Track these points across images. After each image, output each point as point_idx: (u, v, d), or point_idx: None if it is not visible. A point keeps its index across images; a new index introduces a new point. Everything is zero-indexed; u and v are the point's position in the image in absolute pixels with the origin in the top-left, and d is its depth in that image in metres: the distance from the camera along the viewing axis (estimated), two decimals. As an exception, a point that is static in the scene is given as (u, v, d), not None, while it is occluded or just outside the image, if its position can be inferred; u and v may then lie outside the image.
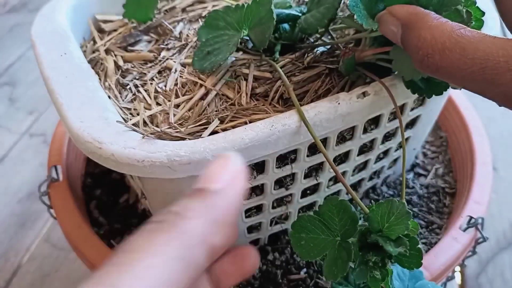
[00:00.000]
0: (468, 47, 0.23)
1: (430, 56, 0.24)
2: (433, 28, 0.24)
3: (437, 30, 0.24)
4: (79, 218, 0.43)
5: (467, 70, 0.23)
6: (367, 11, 0.31)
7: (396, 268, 0.32)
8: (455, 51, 0.23)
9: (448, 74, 0.24)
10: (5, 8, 1.07)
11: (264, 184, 0.36)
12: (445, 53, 0.23)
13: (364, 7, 0.30)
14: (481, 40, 0.23)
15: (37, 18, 0.40)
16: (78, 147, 0.31)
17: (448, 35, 0.24)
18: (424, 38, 0.24)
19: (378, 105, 0.34)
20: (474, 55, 0.22)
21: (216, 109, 0.34)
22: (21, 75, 0.89)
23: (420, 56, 0.25)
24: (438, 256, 0.39)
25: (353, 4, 0.30)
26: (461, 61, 0.23)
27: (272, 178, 0.35)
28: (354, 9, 0.30)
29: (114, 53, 0.40)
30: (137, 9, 0.42)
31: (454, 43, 0.23)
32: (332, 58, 0.37)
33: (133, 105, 0.35)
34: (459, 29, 0.24)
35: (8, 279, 0.57)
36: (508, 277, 0.56)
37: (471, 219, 0.42)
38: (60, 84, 0.33)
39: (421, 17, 0.25)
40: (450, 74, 0.24)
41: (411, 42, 0.25)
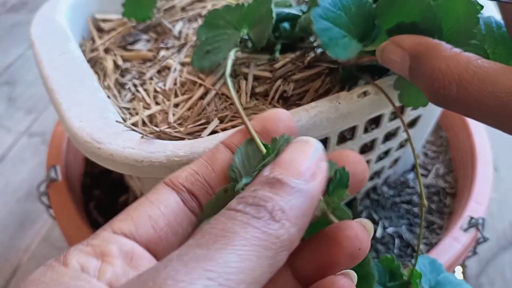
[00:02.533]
0: (487, 79, 0.21)
1: (447, 88, 0.22)
2: (448, 58, 0.23)
3: (453, 61, 0.23)
4: (78, 218, 0.43)
5: (487, 104, 0.21)
6: (356, 28, 0.30)
7: (418, 261, 0.32)
8: (474, 83, 0.21)
9: (466, 107, 0.22)
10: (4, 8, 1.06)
11: (264, 184, 0.36)
12: (462, 85, 0.22)
13: (347, 27, 0.29)
14: (501, 72, 0.21)
15: (36, 17, 0.39)
16: (77, 147, 0.31)
17: (465, 66, 0.22)
18: (439, 69, 0.23)
19: (378, 105, 0.34)
20: (494, 88, 0.21)
21: (216, 109, 0.34)
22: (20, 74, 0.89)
23: (435, 88, 0.23)
24: (438, 256, 0.39)
25: (323, 27, 0.29)
26: (481, 94, 0.21)
27: (272, 178, 0.35)
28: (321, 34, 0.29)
29: (113, 53, 0.40)
30: (137, 8, 0.42)
31: (472, 74, 0.22)
32: (333, 58, 0.37)
33: (132, 104, 0.35)
34: (476, 60, 0.22)
35: (8, 279, 0.57)
36: (508, 277, 0.55)
37: (471, 219, 0.42)
38: (59, 83, 0.33)
39: (433, 47, 0.24)
40: (468, 108, 0.22)
41: (424, 74, 0.24)
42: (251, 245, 0.17)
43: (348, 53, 0.29)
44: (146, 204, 0.22)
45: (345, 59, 0.29)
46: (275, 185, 0.19)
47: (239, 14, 0.35)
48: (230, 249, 0.17)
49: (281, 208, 0.18)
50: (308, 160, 0.20)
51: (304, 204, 0.19)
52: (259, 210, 0.18)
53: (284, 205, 0.19)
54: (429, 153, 0.54)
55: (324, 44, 0.29)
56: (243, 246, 0.17)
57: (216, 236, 0.17)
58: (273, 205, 0.18)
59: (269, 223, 0.18)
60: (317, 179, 0.20)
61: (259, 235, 0.18)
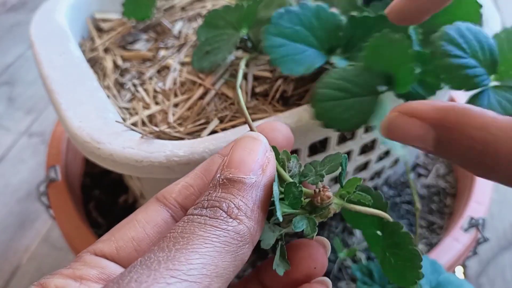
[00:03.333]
0: None
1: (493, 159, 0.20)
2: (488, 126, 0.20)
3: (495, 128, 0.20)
4: (78, 218, 0.43)
5: None
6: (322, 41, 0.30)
7: None
8: None
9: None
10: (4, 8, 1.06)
11: (264, 184, 0.35)
12: None
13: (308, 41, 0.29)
14: None
15: (36, 17, 0.39)
16: (77, 147, 0.31)
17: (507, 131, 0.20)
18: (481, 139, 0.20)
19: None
20: None
21: (216, 109, 0.34)
22: (20, 74, 0.89)
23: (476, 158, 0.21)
24: (439, 257, 0.39)
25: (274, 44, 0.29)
26: None
27: (272, 178, 0.35)
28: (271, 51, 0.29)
29: (113, 52, 0.40)
30: (136, 7, 0.42)
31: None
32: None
33: (132, 104, 0.35)
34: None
35: (7, 279, 0.57)
36: (508, 277, 0.55)
37: (472, 219, 0.42)
38: (59, 83, 0.33)
39: (463, 113, 0.21)
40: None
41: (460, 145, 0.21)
42: (211, 242, 0.18)
43: (305, 67, 0.30)
44: (131, 225, 0.22)
45: (300, 73, 0.29)
46: (227, 185, 0.20)
47: (239, 15, 0.35)
48: (191, 248, 0.18)
49: (236, 205, 0.19)
50: (257, 155, 0.21)
51: (257, 197, 0.20)
52: (215, 211, 0.19)
53: (238, 202, 0.19)
54: (429, 153, 0.54)
55: (273, 61, 0.29)
56: (203, 244, 0.18)
57: (176, 239, 0.18)
58: (228, 204, 0.19)
59: (226, 221, 0.19)
60: (267, 171, 0.21)
61: (218, 232, 0.18)
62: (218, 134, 0.30)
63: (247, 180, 0.20)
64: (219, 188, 0.20)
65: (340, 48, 0.31)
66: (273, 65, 0.30)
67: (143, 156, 0.28)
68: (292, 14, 0.29)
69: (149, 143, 0.29)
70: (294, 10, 0.29)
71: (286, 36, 0.30)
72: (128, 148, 0.29)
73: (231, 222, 0.19)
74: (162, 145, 0.29)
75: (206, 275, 0.17)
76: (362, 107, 0.27)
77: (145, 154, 0.28)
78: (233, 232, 0.19)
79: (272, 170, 0.21)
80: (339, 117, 0.27)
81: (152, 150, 0.28)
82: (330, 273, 0.42)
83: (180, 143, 0.29)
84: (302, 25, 0.30)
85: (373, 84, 0.27)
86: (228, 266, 0.18)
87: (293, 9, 0.29)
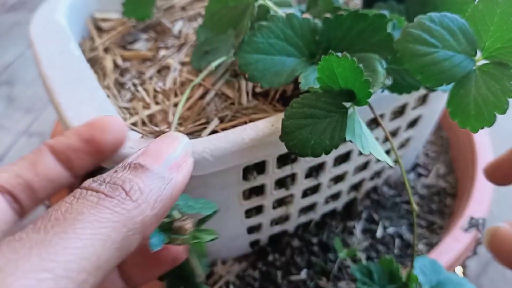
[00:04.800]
0: None
1: None
2: None
3: None
4: (78, 218, 0.43)
5: None
6: (300, 48, 0.29)
7: (418, 262, 0.32)
8: None
9: None
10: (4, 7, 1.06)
11: (264, 184, 0.35)
12: None
13: (287, 50, 0.30)
14: None
15: (36, 17, 0.39)
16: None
17: None
18: None
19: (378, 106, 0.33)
20: None
21: (216, 109, 0.34)
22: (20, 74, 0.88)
23: None
24: (439, 257, 0.39)
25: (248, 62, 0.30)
26: None
27: (272, 178, 0.35)
28: (247, 69, 0.29)
29: (113, 52, 0.40)
30: (136, 7, 0.41)
31: None
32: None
33: (132, 104, 0.35)
34: None
35: (7, 280, 0.57)
36: (509, 277, 0.55)
37: (472, 219, 0.42)
38: (58, 83, 0.33)
39: None
40: None
41: None
42: (98, 228, 0.16)
43: (284, 77, 0.29)
44: None
45: (282, 84, 0.29)
46: (137, 169, 0.19)
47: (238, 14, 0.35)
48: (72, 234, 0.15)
49: (140, 188, 0.18)
50: (174, 152, 0.21)
51: (165, 191, 0.19)
52: (115, 189, 0.17)
53: (143, 186, 0.18)
54: (430, 153, 0.54)
55: (251, 78, 0.30)
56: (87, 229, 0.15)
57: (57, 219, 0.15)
58: (131, 185, 0.18)
59: (123, 202, 0.17)
60: (182, 172, 0.20)
61: (108, 215, 0.16)
62: (219, 134, 0.30)
63: (158, 170, 0.19)
64: (127, 170, 0.19)
65: (320, 52, 0.31)
66: (253, 82, 0.30)
67: (143, 156, 0.28)
68: (264, 28, 0.29)
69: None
70: (264, 25, 0.29)
71: (262, 51, 0.30)
72: (129, 148, 0.28)
73: (128, 205, 0.17)
74: (162, 145, 0.29)
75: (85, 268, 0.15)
76: (333, 126, 0.26)
77: (145, 154, 0.28)
78: (126, 217, 0.17)
79: (187, 174, 0.21)
80: (311, 143, 0.26)
81: (152, 150, 0.28)
82: (330, 273, 0.42)
83: (180, 143, 0.29)
84: (276, 37, 0.30)
85: (338, 102, 0.27)
86: (110, 258, 0.16)
87: (263, 24, 0.29)
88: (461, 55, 0.26)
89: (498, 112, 0.25)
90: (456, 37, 0.26)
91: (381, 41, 0.29)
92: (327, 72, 0.26)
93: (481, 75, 0.26)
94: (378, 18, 0.29)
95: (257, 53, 0.30)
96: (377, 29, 0.29)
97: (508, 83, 0.25)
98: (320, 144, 0.26)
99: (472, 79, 0.26)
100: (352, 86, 0.26)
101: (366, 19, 0.29)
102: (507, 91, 0.25)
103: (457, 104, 0.27)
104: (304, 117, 0.27)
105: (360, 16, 0.29)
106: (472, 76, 0.27)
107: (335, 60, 0.25)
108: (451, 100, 0.27)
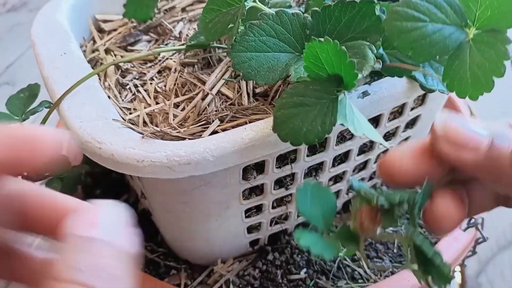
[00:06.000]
0: None
1: None
2: None
3: None
4: (79, 218, 0.43)
5: None
6: (292, 42, 0.30)
7: None
8: None
9: None
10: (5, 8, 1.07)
11: (264, 184, 0.36)
12: None
13: (279, 46, 0.30)
14: None
15: (37, 17, 0.39)
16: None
17: None
18: None
19: (378, 105, 0.34)
20: None
21: (216, 109, 0.34)
22: (21, 74, 0.89)
23: None
24: (438, 256, 0.39)
25: (242, 60, 0.30)
26: None
27: (272, 178, 0.35)
28: (240, 67, 0.29)
29: (114, 53, 0.40)
30: (138, 8, 0.42)
31: None
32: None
33: (132, 105, 0.35)
34: None
35: (8, 279, 0.57)
36: (508, 276, 0.56)
37: (471, 219, 0.42)
38: (60, 83, 0.33)
39: None
40: None
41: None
42: None
43: (279, 72, 0.30)
44: None
45: (276, 80, 0.30)
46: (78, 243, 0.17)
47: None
48: None
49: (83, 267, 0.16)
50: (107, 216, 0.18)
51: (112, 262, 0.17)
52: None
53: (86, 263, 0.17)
54: (429, 153, 0.54)
55: (246, 76, 0.30)
56: None
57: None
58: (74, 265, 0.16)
59: None
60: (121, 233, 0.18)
61: None
62: (219, 134, 0.30)
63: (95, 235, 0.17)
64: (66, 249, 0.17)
65: None
66: (247, 80, 0.30)
67: (144, 156, 0.28)
68: (254, 27, 0.30)
69: (150, 143, 0.29)
70: (255, 23, 0.30)
71: (254, 49, 0.30)
72: (129, 148, 0.29)
73: None
74: (163, 145, 0.29)
75: None
76: (324, 113, 0.26)
77: (146, 154, 0.28)
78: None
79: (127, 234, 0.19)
80: (303, 130, 0.27)
81: (153, 150, 0.29)
82: (330, 272, 0.42)
83: (181, 143, 0.29)
84: (267, 34, 0.30)
85: (327, 88, 0.27)
86: None
87: (254, 22, 0.30)
88: (451, 27, 0.27)
89: (496, 75, 0.26)
90: (444, 10, 0.26)
91: (371, 26, 0.29)
92: (312, 59, 0.26)
93: (475, 44, 0.27)
94: (366, 4, 0.29)
95: (250, 51, 0.30)
96: (365, 15, 0.29)
97: (503, 46, 0.26)
98: (312, 131, 0.26)
99: (465, 50, 0.27)
100: (338, 70, 0.26)
101: (354, 6, 0.29)
102: (502, 54, 0.26)
103: (453, 76, 0.27)
104: (294, 106, 0.27)
105: (347, 5, 0.29)
106: (466, 47, 0.27)
107: (318, 45, 0.25)
108: (447, 73, 0.27)
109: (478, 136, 0.21)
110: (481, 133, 0.22)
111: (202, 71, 0.37)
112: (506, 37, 0.26)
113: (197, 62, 0.38)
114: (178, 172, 0.29)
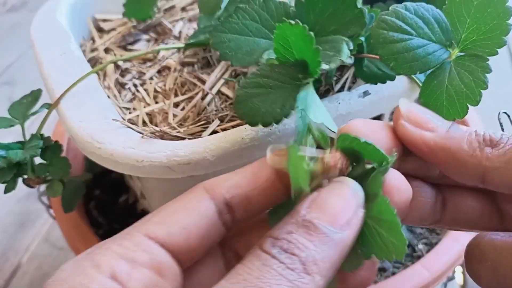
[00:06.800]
0: None
1: None
2: None
3: None
4: (78, 218, 0.43)
5: None
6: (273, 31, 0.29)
7: None
8: None
9: None
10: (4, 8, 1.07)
11: (264, 184, 0.36)
12: None
13: (261, 32, 0.30)
14: None
15: (37, 17, 0.39)
16: (78, 147, 0.31)
17: None
18: None
19: (378, 105, 0.34)
20: None
21: (216, 109, 0.34)
22: (20, 74, 0.89)
23: None
24: (439, 256, 0.39)
25: (220, 40, 0.30)
26: None
27: (272, 178, 0.35)
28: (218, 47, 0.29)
29: (113, 52, 0.40)
30: (137, 8, 0.42)
31: None
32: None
33: (132, 104, 0.35)
34: None
35: (8, 279, 0.57)
36: (508, 277, 0.55)
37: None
38: (59, 83, 0.33)
39: None
40: None
41: None
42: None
43: (255, 57, 0.29)
44: (182, 211, 0.21)
45: (252, 64, 0.29)
46: (310, 229, 0.19)
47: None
48: None
49: (314, 259, 0.18)
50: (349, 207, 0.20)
51: (335, 255, 0.19)
52: (294, 261, 0.18)
53: (317, 256, 0.18)
54: (429, 153, 0.54)
55: (222, 56, 0.30)
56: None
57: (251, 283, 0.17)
58: (306, 256, 0.18)
59: (301, 276, 0.18)
60: (351, 228, 0.20)
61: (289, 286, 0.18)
62: (219, 134, 0.30)
63: (331, 232, 0.19)
64: (301, 230, 0.19)
65: None
66: (224, 60, 0.30)
67: (144, 156, 0.28)
68: (240, 10, 0.30)
69: (150, 143, 0.29)
70: (241, 7, 0.30)
71: (236, 31, 0.30)
72: (129, 148, 0.29)
73: (304, 278, 0.18)
74: (163, 145, 0.29)
75: None
76: (286, 97, 0.26)
77: (146, 154, 0.28)
78: None
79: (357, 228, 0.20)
80: (262, 111, 0.26)
81: (152, 150, 0.28)
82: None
83: (181, 143, 0.29)
84: (251, 18, 0.30)
85: (292, 73, 0.27)
86: None
87: (240, 6, 0.30)
88: (436, 45, 0.27)
89: (471, 103, 0.26)
90: (431, 26, 0.26)
91: (353, 18, 0.29)
92: (282, 42, 0.26)
93: (455, 66, 0.27)
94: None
95: (231, 33, 0.30)
96: (348, 7, 0.29)
97: (482, 74, 0.26)
98: (271, 112, 0.26)
99: (446, 70, 0.27)
100: (305, 56, 0.26)
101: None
102: (481, 82, 0.25)
103: (429, 95, 0.27)
104: (257, 87, 0.27)
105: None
106: (446, 67, 0.27)
107: (289, 28, 0.25)
108: (424, 91, 0.27)
109: (437, 121, 0.23)
110: (440, 120, 0.23)
111: (202, 70, 0.37)
112: (487, 64, 0.26)
113: (197, 61, 0.38)
114: (177, 172, 0.29)
